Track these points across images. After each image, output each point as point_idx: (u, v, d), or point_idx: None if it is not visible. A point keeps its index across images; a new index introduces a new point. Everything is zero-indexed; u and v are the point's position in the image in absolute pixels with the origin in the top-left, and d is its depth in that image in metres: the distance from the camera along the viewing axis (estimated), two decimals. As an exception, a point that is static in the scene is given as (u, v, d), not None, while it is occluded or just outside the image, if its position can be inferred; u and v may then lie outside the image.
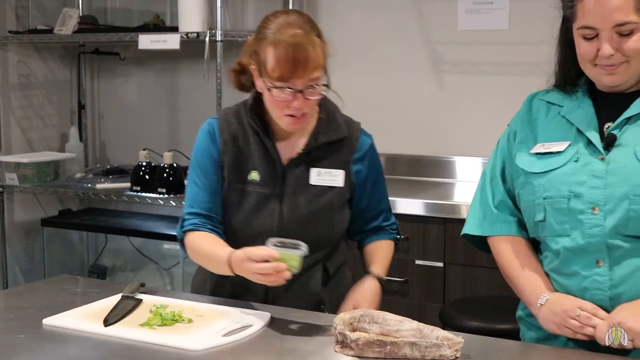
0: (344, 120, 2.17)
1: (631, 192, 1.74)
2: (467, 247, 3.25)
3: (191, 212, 2.11)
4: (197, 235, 2.08)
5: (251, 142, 2.09)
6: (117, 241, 4.45)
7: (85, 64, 4.65)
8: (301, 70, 1.93)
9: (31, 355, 1.71)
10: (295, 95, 1.96)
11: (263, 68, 1.97)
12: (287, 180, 2.09)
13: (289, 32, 1.94)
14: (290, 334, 1.84)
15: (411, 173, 3.90)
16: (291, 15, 2.02)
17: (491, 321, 2.75)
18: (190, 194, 2.13)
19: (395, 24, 3.92)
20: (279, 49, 1.93)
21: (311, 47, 1.94)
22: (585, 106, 1.87)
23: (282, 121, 2.02)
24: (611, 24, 1.74)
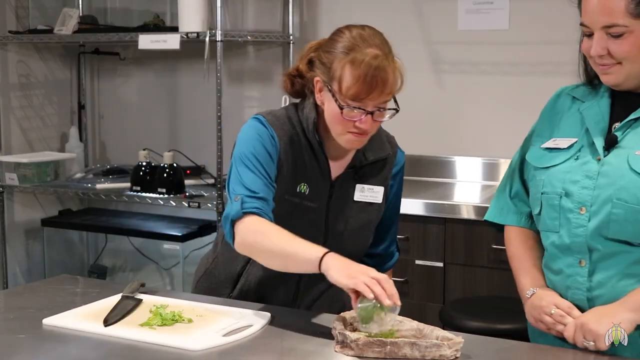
0: (386, 136, 2.15)
1: (615, 195, 1.74)
2: (467, 247, 3.26)
3: (251, 195, 1.89)
4: (262, 221, 1.87)
5: (305, 154, 2.01)
6: (117, 241, 4.45)
7: (85, 64, 4.65)
8: (377, 93, 1.87)
9: (31, 355, 1.71)
10: (365, 117, 1.90)
11: (337, 84, 1.89)
12: (334, 196, 2.05)
13: (370, 52, 1.87)
14: (290, 334, 1.84)
15: (411, 173, 3.89)
16: (367, 30, 1.94)
17: (491, 321, 2.75)
18: (247, 178, 1.92)
19: (395, 24, 3.91)
20: (359, 69, 1.86)
21: (391, 70, 1.90)
22: (601, 104, 1.86)
23: (342, 138, 1.95)
24: (600, 24, 1.75)
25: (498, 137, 3.77)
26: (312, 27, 4.10)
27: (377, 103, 1.90)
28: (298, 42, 4.12)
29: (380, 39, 1.93)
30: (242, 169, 1.94)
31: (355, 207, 2.08)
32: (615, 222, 1.74)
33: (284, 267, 1.88)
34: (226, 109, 3.79)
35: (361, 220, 2.08)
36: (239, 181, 1.93)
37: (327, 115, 1.96)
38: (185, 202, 3.72)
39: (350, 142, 1.96)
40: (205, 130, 4.18)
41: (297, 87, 2.05)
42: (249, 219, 1.87)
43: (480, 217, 3.19)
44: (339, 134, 1.95)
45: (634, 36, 1.72)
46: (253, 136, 1.97)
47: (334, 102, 1.90)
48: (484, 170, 3.78)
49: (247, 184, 1.91)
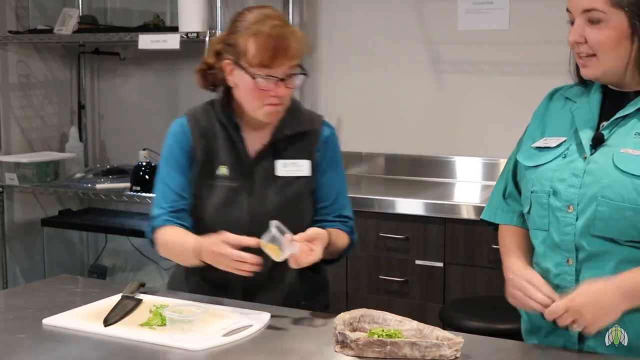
0: (307, 114, 2.24)
1: (599, 193, 1.75)
2: (467, 247, 3.26)
3: (160, 212, 2.15)
4: (165, 230, 2.13)
5: (219, 138, 2.14)
6: (117, 241, 4.45)
7: (85, 64, 4.65)
8: (282, 58, 2.01)
9: (31, 355, 1.71)
10: (277, 84, 2.02)
11: (243, 57, 2.03)
12: (255, 173, 2.13)
13: (269, 23, 2.03)
14: (290, 334, 1.84)
15: (411, 173, 3.91)
16: (267, 9, 2.10)
17: (491, 321, 2.75)
18: (159, 193, 2.18)
19: (395, 24, 3.92)
20: (260, 38, 2.01)
21: (292, 36, 2.04)
22: (591, 103, 1.87)
23: (260, 111, 2.07)
24: (581, 7, 1.77)
25: (498, 137, 3.77)
26: (312, 27, 4.10)
27: (286, 69, 2.03)
28: (298, 42, 4.12)
29: (279, 14, 2.11)
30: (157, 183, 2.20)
31: (280, 182, 2.14)
32: (600, 220, 1.75)
33: (187, 263, 2.13)
34: (226, 109, 3.79)
35: (288, 195, 2.14)
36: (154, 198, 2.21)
37: (242, 92, 2.08)
38: (185, 202, 3.72)
39: (269, 114, 2.08)
40: (205, 130, 4.18)
41: (209, 80, 2.18)
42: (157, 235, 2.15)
43: (480, 217, 3.21)
44: (256, 108, 2.08)
45: (611, 27, 1.74)
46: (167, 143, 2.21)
47: (246, 75, 2.03)
48: (484, 170, 3.78)
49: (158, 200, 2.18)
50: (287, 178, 2.14)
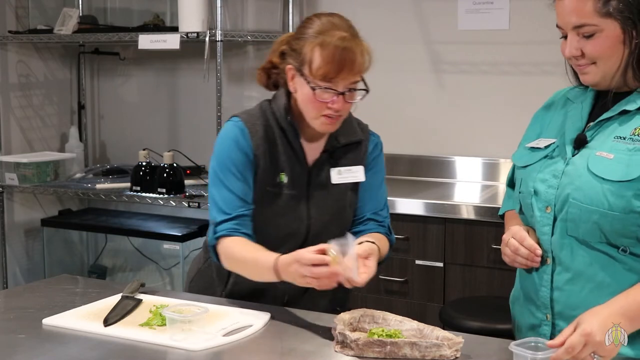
0: (358, 123, 2.21)
1: (571, 195, 1.76)
2: (467, 247, 3.26)
3: (223, 218, 2.03)
4: (232, 242, 2.01)
5: (279, 144, 2.08)
6: (117, 241, 4.45)
7: (85, 64, 4.65)
8: (346, 72, 1.95)
9: (31, 355, 1.71)
10: (337, 97, 1.98)
11: (306, 66, 1.98)
12: (312, 181, 2.10)
13: (337, 34, 1.96)
14: (290, 334, 1.84)
15: (411, 173, 3.91)
16: (335, 17, 2.03)
17: (491, 321, 2.75)
18: (220, 198, 2.05)
19: (395, 24, 3.92)
20: (327, 50, 1.94)
21: (359, 51, 1.97)
22: (584, 104, 1.88)
23: (316, 122, 2.02)
24: (571, 25, 1.77)
25: (498, 137, 3.77)
26: (312, 27, 4.10)
27: (347, 83, 1.98)
28: (298, 42, 4.12)
29: (347, 24, 2.03)
30: (215, 189, 2.07)
31: (336, 191, 2.12)
32: (571, 221, 1.77)
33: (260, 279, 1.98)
34: (226, 109, 3.79)
35: (342, 205, 2.13)
36: (214, 203, 2.06)
37: (301, 100, 2.03)
38: (185, 202, 3.72)
39: (324, 125, 2.03)
40: (205, 130, 4.18)
41: (273, 79, 2.13)
42: (222, 244, 2.02)
43: (481, 217, 3.21)
44: (313, 118, 2.02)
45: (605, 35, 1.74)
46: (227, 144, 2.07)
47: (306, 85, 1.98)
48: (484, 170, 3.78)
49: (220, 206, 2.04)
50: (341, 186, 2.12)
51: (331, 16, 2.04)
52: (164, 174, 3.81)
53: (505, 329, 2.68)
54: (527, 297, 1.91)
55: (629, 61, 1.76)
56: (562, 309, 1.82)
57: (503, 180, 3.72)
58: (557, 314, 1.83)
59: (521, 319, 1.95)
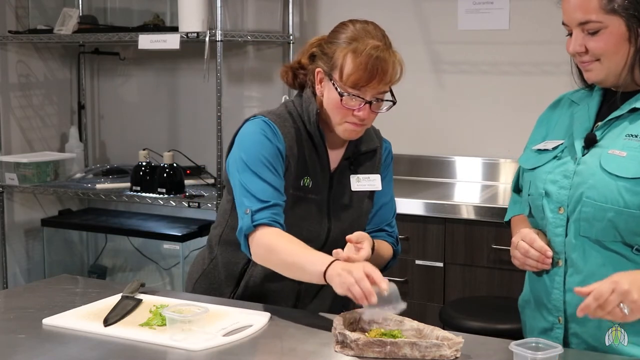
0: (372, 129, 2.20)
1: (585, 194, 1.76)
2: (467, 247, 3.26)
3: (261, 206, 1.93)
4: (273, 232, 1.92)
5: (306, 148, 2.06)
6: (117, 241, 4.45)
7: (85, 64, 4.65)
8: (377, 82, 1.94)
9: (31, 355, 1.71)
10: (363, 106, 1.96)
11: (338, 72, 1.96)
12: (334, 188, 2.10)
13: (371, 43, 1.94)
14: (290, 334, 1.84)
15: (411, 173, 3.91)
16: (370, 25, 2.02)
17: (491, 321, 2.75)
18: (254, 187, 1.95)
19: (395, 24, 3.91)
20: (360, 57, 1.93)
21: (391, 61, 1.96)
22: (591, 105, 1.88)
23: (340, 127, 2.01)
24: (576, 21, 1.77)
25: (498, 137, 3.77)
26: (312, 27, 4.10)
27: (375, 93, 1.97)
28: (298, 42, 4.12)
29: (382, 33, 2.01)
30: (249, 177, 1.97)
31: (355, 197, 2.12)
32: (585, 220, 1.76)
33: (298, 278, 1.93)
34: (226, 109, 3.79)
35: (360, 212, 2.13)
36: (247, 191, 1.96)
37: (327, 104, 2.01)
38: (185, 202, 3.72)
39: (348, 132, 2.02)
40: (205, 130, 4.18)
41: (299, 79, 2.11)
42: (260, 233, 1.92)
43: (481, 217, 3.21)
44: (338, 124, 2.01)
45: (609, 32, 1.74)
46: (258, 137, 2.00)
47: (334, 90, 1.97)
48: (484, 170, 3.78)
49: (255, 194, 1.94)
50: (359, 193, 2.12)
51: (366, 23, 2.02)
52: (164, 174, 3.81)
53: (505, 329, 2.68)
54: (538, 300, 1.90)
55: (635, 59, 1.76)
56: (574, 311, 1.78)
57: (503, 180, 3.73)
58: (569, 317, 1.82)
59: (532, 323, 1.93)
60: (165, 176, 3.80)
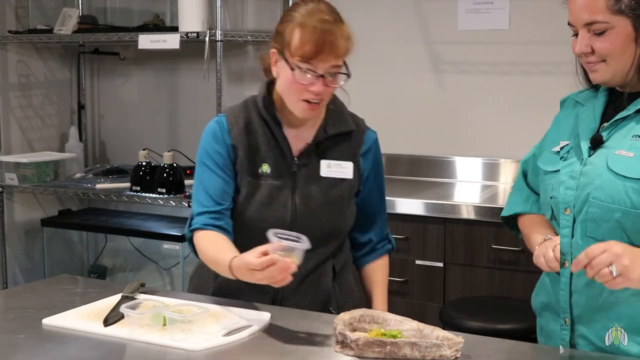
0: (350, 115, 2.19)
1: (591, 195, 1.75)
2: (467, 247, 3.26)
3: (200, 211, 2.07)
4: (203, 235, 2.06)
5: (260, 134, 2.08)
6: (117, 241, 4.45)
7: (85, 64, 4.65)
8: (326, 54, 1.94)
9: (31, 355, 1.71)
10: (316, 80, 1.96)
11: (287, 47, 1.97)
12: (299, 172, 2.09)
13: (318, 17, 1.96)
14: (290, 334, 1.84)
15: (411, 173, 3.91)
16: (321, 3, 2.03)
17: (491, 321, 2.75)
18: (197, 193, 2.10)
19: (395, 24, 3.92)
20: (306, 30, 1.95)
21: (339, 33, 1.97)
22: (596, 105, 1.87)
23: (297, 106, 2.01)
24: (582, 22, 1.76)
25: (498, 137, 3.77)
26: (312, 27, 4.10)
27: (327, 67, 1.96)
28: (298, 42, 4.12)
29: (332, 10, 2.04)
30: (196, 183, 2.12)
31: (324, 182, 2.10)
32: (592, 221, 1.75)
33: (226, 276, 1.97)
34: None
35: (332, 196, 2.10)
36: (194, 198, 2.12)
37: (282, 84, 2.03)
38: (185, 202, 3.72)
39: (305, 111, 2.02)
40: (205, 130, 4.18)
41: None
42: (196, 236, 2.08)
43: (481, 217, 3.21)
44: (294, 103, 2.02)
45: (615, 32, 1.74)
46: (204, 142, 2.13)
47: (287, 66, 1.98)
48: (484, 170, 3.78)
49: (197, 200, 2.10)
50: (331, 179, 2.10)
51: (318, 2, 2.03)
52: (164, 174, 3.81)
53: (505, 329, 2.68)
54: (548, 302, 1.90)
55: None
56: (580, 313, 1.80)
57: (503, 180, 3.73)
58: (576, 318, 1.81)
59: (545, 325, 1.93)
60: (165, 176, 3.80)
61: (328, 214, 2.09)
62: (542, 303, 1.97)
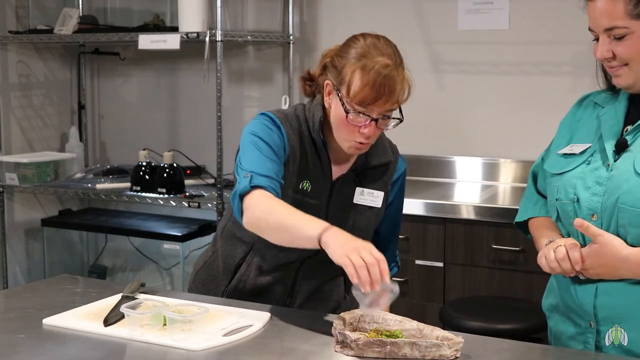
0: (389, 143, 2.19)
1: (620, 200, 1.73)
2: (467, 247, 3.26)
3: (263, 173, 1.90)
4: (270, 196, 1.87)
5: (308, 152, 2.05)
6: (117, 241, 4.45)
7: (85, 64, 4.65)
8: (383, 101, 1.92)
9: (31, 355, 1.71)
10: (369, 123, 1.94)
11: (344, 87, 1.93)
12: (334, 196, 2.08)
13: (381, 61, 1.92)
14: (290, 334, 1.84)
15: (411, 173, 3.88)
16: (381, 40, 1.99)
17: (491, 321, 2.75)
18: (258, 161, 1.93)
19: (395, 24, 3.92)
20: (368, 75, 1.90)
21: (400, 80, 1.94)
22: (618, 108, 1.85)
23: (345, 143, 1.99)
24: (602, 27, 1.76)
25: (498, 137, 3.77)
26: (312, 27, 4.11)
27: (382, 111, 1.94)
28: (298, 42, 4.12)
29: (393, 49, 1.98)
30: (253, 152, 1.95)
31: (355, 209, 2.10)
32: (622, 227, 1.73)
33: (288, 242, 1.87)
34: (226, 109, 3.79)
35: (360, 223, 2.10)
36: (249, 161, 1.93)
37: (333, 118, 1.99)
38: (185, 202, 3.72)
39: (352, 149, 2.00)
40: (205, 130, 4.18)
41: (308, 90, 2.09)
42: (257, 194, 1.87)
43: (481, 217, 3.21)
44: (343, 139, 1.99)
45: (636, 37, 1.73)
46: (262, 128, 1.99)
47: (341, 106, 1.94)
48: (484, 170, 3.78)
49: (257, 164, 1.92)
50: (362, 206, 2.09)
51: (377, 38, 1.98)
52: (164, 174, 3.81)
53: (505, 329, 2.68)
54: (568, 305, 1.88)
55: None
56: (606, 316, 1.78)
57: (503, 180, 3.73)
58: (601, 321, 1.80)
59: (561, 328, 1.91)
60: (165, 176, 3.81)
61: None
62: (550, 305, 1.96)
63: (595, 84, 1.93)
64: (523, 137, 3.69)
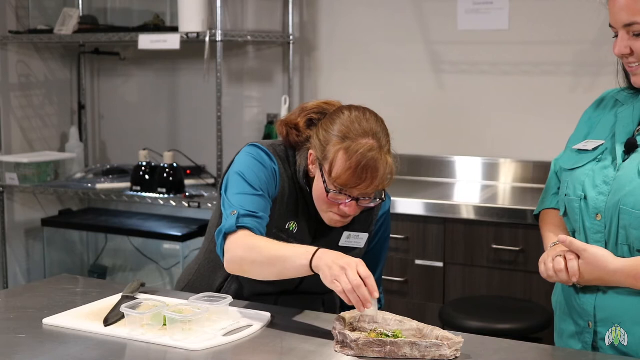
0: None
1: (621, 202, 1.73)
2: (467, 247, 3.26)
3: (249, 212, 1.90)
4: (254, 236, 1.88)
5: (298, 195, 2.03)
6: (117, 241, 4.45)
7: (85, 64, 4.65)
8: (365, 185, 1.89)
9: (31, 355, 1.71)
10: (349, 202, 1.92)
11: (328, 166, 1.90)
12: (320, 239, 2.06)
13: (364, 144, 1.88)
14: (290, 334, 1.84)
15: (411, 173, 3.91)
16: (367, 114, 1.95)
17: (491, 321, 2.76)
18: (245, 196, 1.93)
19: (395, 24, 3.92)
20: (351, 159, 1.87)
21: (382, 165, 1.89)
22: (636, 107, 1.84)
23: (325, 215, 1.98)
24: (621, 23, 1.75)
25: (498, 137, 3.77)
26: (312, 27, 4.11)
27: (364, 193, 1.92)
28: (298, 42, 4.12)
29: (379, 127, 1.94)
30: (241, 185, 1.94)
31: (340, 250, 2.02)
32: (622, 228, 1.73)
33: (277, 275, 1.87)
34: (226, 109, 3.79)
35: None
36: (237, 196, 1.93)
37: (315, 191, 1.98)
38: (185, 202, 3.73)
39: (333, 222, 1.99)
40: (205, 130, 4.19)
41: (291, 138, 2.03)
42: (241, 234, 1.87)
43: (480, 217, 3.21)
44: (323, 211, 1.98)
45: None
46: (254, 162, 1.98)
47: (322, 182, 1.93)
48: (484, 170, 3.78)
49: (244, 200, 1.92)
50: (346, 248, 2.07)
51: (363, 113, 1.95)
52: (164, 174, 3.81)
53: (505, 329, 2.69)
54: (569, 304, 1.88)
55: None
56: (605, 317, 1.78)
57: (503, 180, 3.73)
58: (599, 322, 1.80)
59: (562, 326, 1.92)
60: (165, 176, 3.81)
61: None
62: (555, 302, 1.97)
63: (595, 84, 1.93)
64: (523, 137, 3.70)
